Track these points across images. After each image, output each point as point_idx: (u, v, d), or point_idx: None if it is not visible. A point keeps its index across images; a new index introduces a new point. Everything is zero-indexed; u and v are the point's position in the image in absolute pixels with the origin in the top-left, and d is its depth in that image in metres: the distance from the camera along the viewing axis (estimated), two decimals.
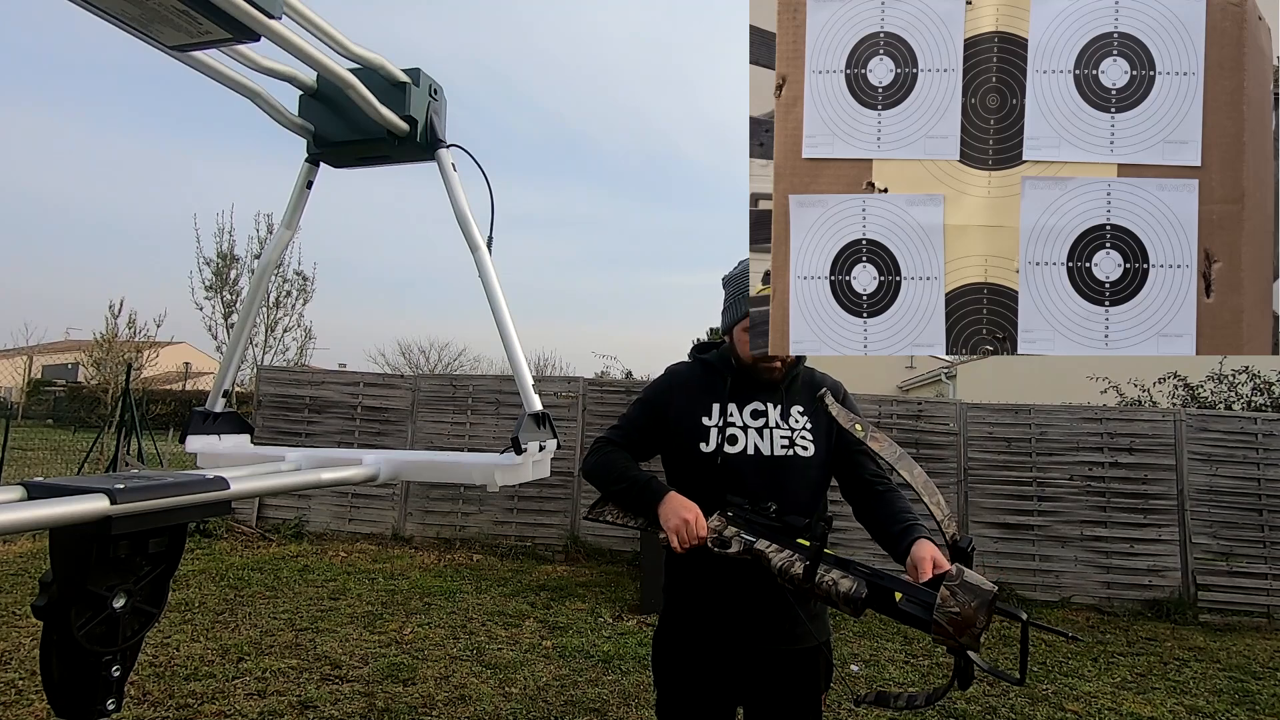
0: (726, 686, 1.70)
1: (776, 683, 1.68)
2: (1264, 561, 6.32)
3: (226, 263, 12.13)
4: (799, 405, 1.74)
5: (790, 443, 1.69)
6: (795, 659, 1.68)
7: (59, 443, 14.64)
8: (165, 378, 25.70)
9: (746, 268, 1.74)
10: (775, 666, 1.68)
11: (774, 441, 1.69)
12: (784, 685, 1.68)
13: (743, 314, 1.72)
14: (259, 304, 1.46)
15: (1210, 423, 6.67)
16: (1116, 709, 3.99)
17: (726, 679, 1.70)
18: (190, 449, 1.29)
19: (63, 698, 0.81)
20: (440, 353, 26.55)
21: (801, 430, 1.70)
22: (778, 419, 1.71)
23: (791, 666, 1.68)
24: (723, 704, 1.72)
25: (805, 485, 1.68)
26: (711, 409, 1.73)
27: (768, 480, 1.65)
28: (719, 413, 1.72)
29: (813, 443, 1.70)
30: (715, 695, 1.71)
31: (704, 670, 1.70)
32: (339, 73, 1.10)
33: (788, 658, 1.68)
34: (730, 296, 1.79)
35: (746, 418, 1.71)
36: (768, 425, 1.70)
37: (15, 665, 3.73)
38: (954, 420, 6.89)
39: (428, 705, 3.54)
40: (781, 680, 1.68)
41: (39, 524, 0.69)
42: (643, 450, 1.81)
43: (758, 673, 1.68)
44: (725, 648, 1.69)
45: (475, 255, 1.28)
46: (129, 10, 0.84)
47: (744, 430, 1.70)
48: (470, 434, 7.52)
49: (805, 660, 1.69)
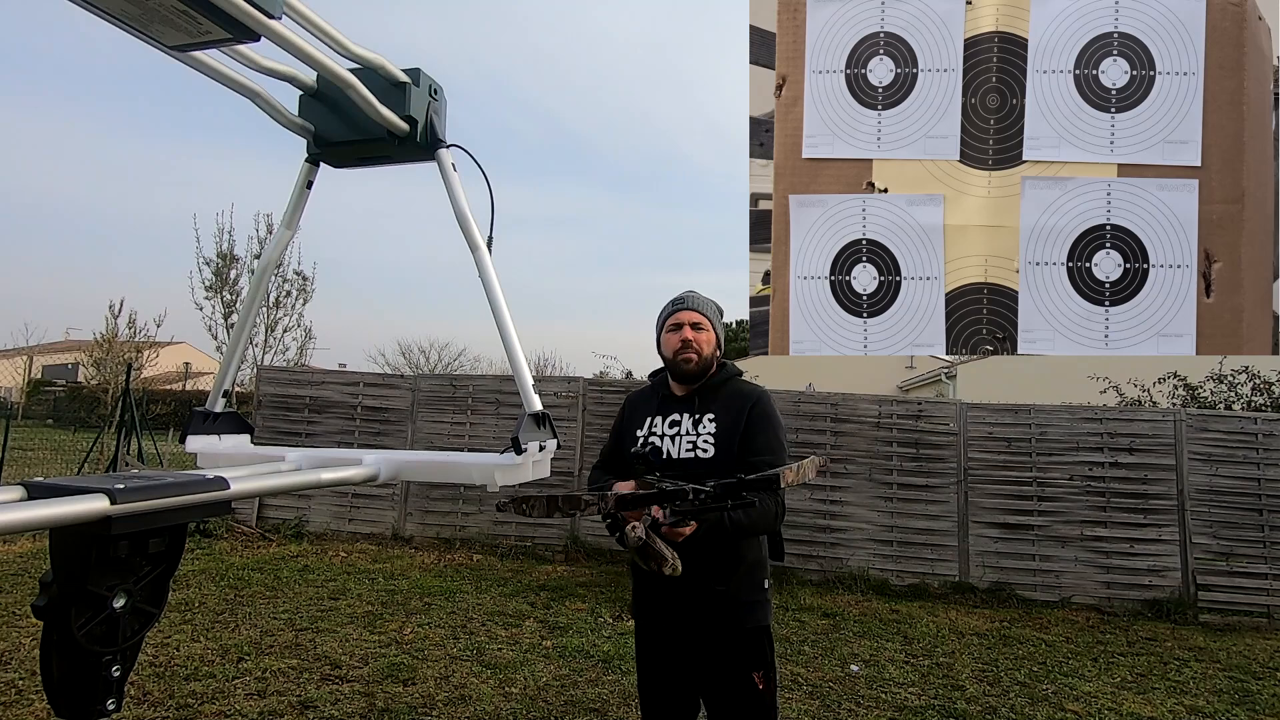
0: (676, 672, 1.97)
1: (712, 664, 1.92)
2: (1264, 561, 6.32)
3: (226, 263, 12.12)
4: (713, 413, 1.98)
5: (693, 446, 1.95)
6: (728, 642, 1.91)
7: (59, 443, 14.64)
8: (165, 378, 25.70)
9: (688, 291, 2.10)
10: (709, 649, 1.92)
11: (680, 446, 1.96)
12: (718, 666, 1.92)
13: (664, 315, 2.06)
14: (259, 304, 1.46)
15: (1210, 423, 6.67)
16: (1116, 709, 3.99)
17: (674, 664, 1.96)
18: (190, 449, 1.29)
19: (63, 698, 0.81)
20: (440, 353, 26.54)
21: (705, 436, 1.95)
22: (689, 427, 1.98)
23: (724, 649, 1.91)
24: (677, 689, 1.98)
25: (701, 482, 1.92)
26: (644, 423, 2.05)
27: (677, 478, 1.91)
28: (648, 425, 2.04)
29: (714, 446, 1.93)
30: (668, 681, 1.98)
31: (656, 658, 2.00)
32: (339, 73, 1.10)
33: (721, 641, 1.92)
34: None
35: (665, 427, 2.01)
36: (680, 433, 1.98)
37: (15, 665, 3.73)
38: (954, 420, 6.89)
39: (428, 705, 3.54)
40: (716, 662, 1.92)
41: (39, 524, 0.69)
42: (618, 471, 2.09)
43: (697, 656, 1.94)
44: (667, 635, 1.97)
45: (475, 255, 1.28)
46: (129, 10, 0.84)
47: (661, 438, 2.00)
48: (470, 434, 7.52)
49: (740, 643, 1.91)
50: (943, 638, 5.22)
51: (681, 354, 1.98)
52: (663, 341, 2.05)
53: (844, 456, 6.92)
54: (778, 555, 2.04)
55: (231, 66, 1.07)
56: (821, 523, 6.83)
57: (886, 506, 6.81)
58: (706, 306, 2.05)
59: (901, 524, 6.77)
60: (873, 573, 6.65)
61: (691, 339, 1.99)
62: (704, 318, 2.02)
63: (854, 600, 6.18)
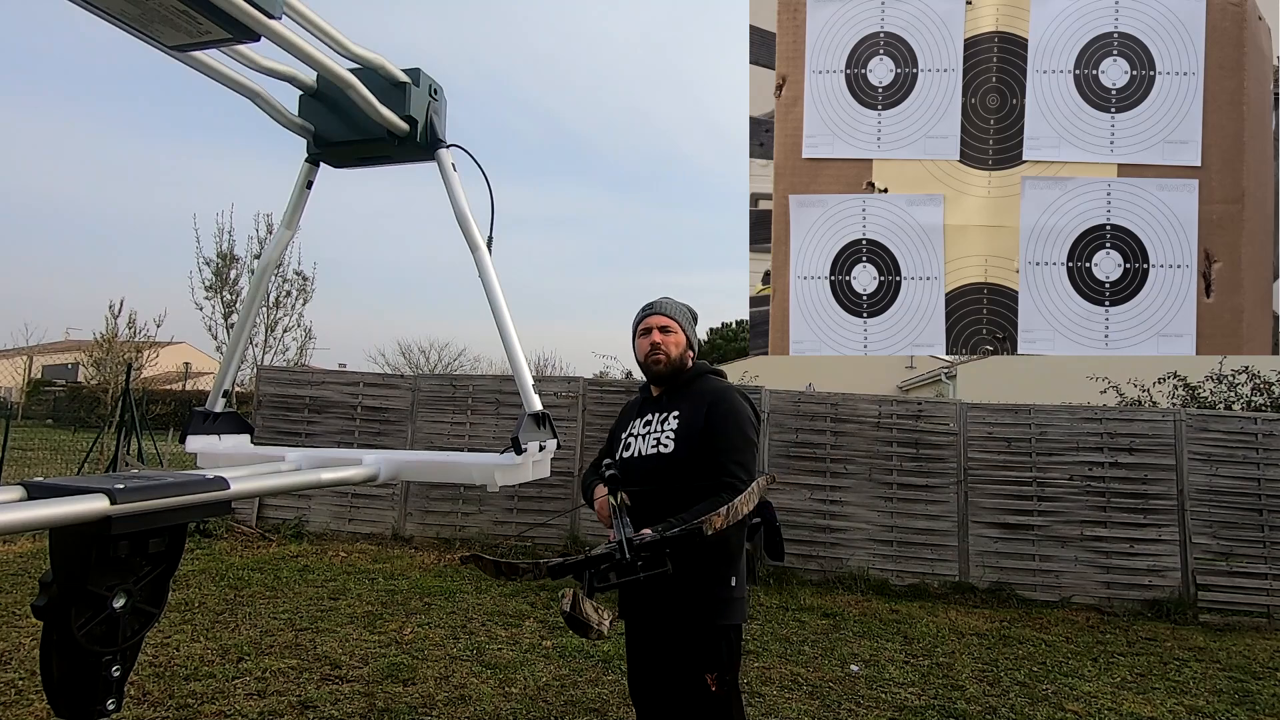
0: (647, 671, 2.02)
1: (666, 663, 1.96)
2: (1264, 561, 6.32)
3: (226, 263, 12.12)
4: (678, 410, 2.05)
5: (657, 443, 2.03)
6: (682, 641, 1.93)
7: (59, 443, 14.63)
8: (165, 378, 25.69)
9: (660, 297, 2.19)
10: (665, 648, 1.96)
11: (647, 443, 2.06)
12: (671, 666, 1.95)
13: (635, 321, 2.16)
14: (259, 304, 1.46)
15: (1210, 423, 6.67)
16: (1116, 709, 3.99)
17: (645, 663, 2.02)
18: (190, 449, 1.29)
19: (63, 698, 0.81)
20: (440, 353, 26.53)
21: (668, 432, 2.03)
22: (658, 425, 2.07)
23: (678, 648, 1.94)
24: (649, 688, 2.02)
25: (664, 476, 1.99)
26: (628, 425, 2.18)
27: (640, 475, 2.00)
28: (630, 427, 2.17)
29: (674, 441, 2.00)
30: (639, 680, 2.05)
31: (632, 656, 2.08)
32: (339, 73, 1.10)
33: (675, 640, 1.94)
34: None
35: (640, 427, 2.12)
36: (650, 431, 2.08)
37: (15, 665, 3.73)
38: (954, 420, 6.89)
39: (428, 705, 3.54)
40: (669, 661, 1.96)
41: (39, 524, 0.69)
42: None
43: (658, 654, 1.98)
44: (640, 634, 2.05)
45: (475, 255, 1.28)
46: (129, 10, 0.84)
47: (635, 438, 2.12)
48: (470, 434, 7.52)
49: (694, 643, 1.92)
50: (943, 638, 5.22)
51: (651, 356, 2.09)
52: (636, 347, 2.16)
53: (844, 456, 6.92)
54: (777, 555, 2.04)
55: (231, 66, 1.07)
56: (821, 523, 6.83)
57: (886, 506, 6.81)
58: (675, 310, 2.14)
59: (901, 524, 6.77)
60: (873, 573, 6.65)
61: (660, 342, 2.08)
62: (672, 320, 2.11)
63: (854, 600, 6.18)
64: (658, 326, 2.09)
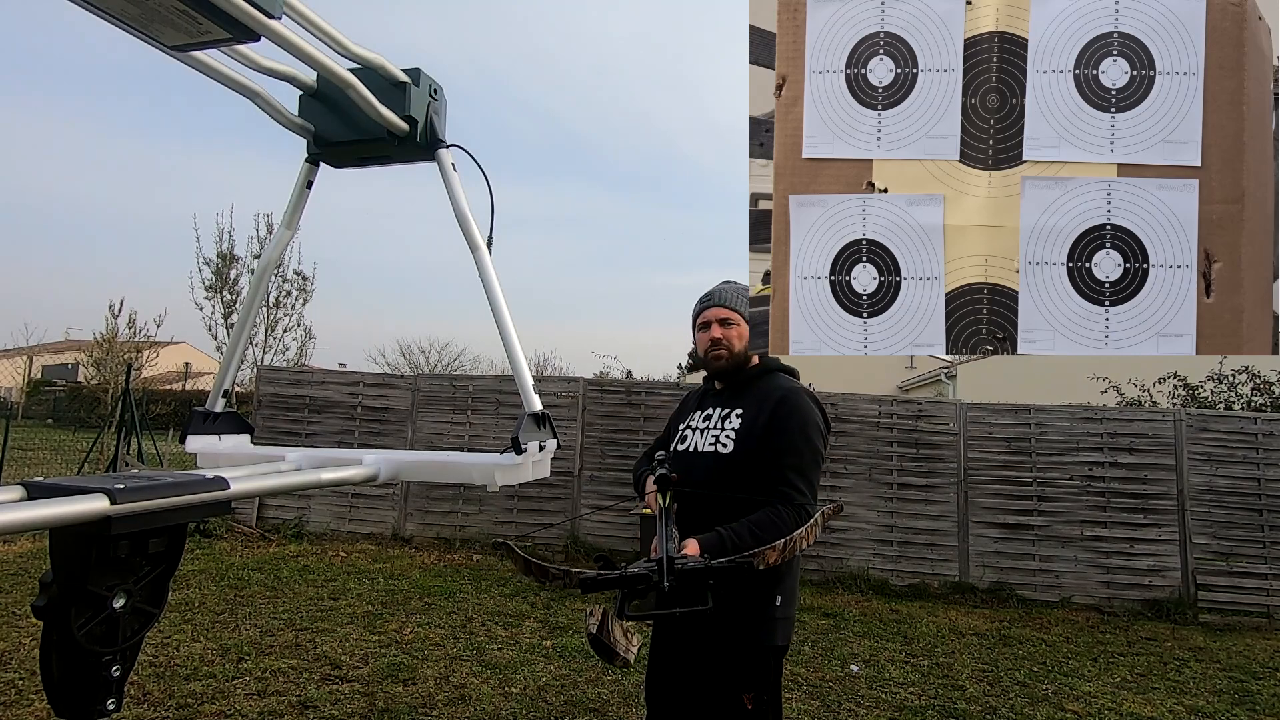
0: (675, 682, 1.90)
1: (701, 681, 1.83)
2: (1264, 561, 6.32)
3: (226, 263, 12.14)
4: (741, 408, 1.93)
5: (715, 440, 1.92)
6: (720, 660, 1.81)
7: (59, 443, 14.62)
8: (165, 378, 25.69)
9: (718, 285, 2.06)
10: (702, 664, 1.84)
11: (705, 439, 1.94)
12: (706, 684, 1.82)
13: (695, 313, 2.06)
14: (259, 304, 1.46)
15: (1210, 423, 6.67)
16: (1116, 709, 3.99)
17: (673, 673, 1.90)
18: (190, 449, 1.29)
19: (63, 698, 0.81)
20: (440, 353, 26.58)
21: (728, 431, 1.91)
22: (719, 421, 1.95)
23: (716, 666, 1.81)
24: (674, 699, 1.90)
25: (718, 476, 1.86)
26: (688, 417, 2.07)
27: (696, 471, 1.88)
28: (689, 419, 2.05)
29: (734, 442, 1.88)
30: (666, 690, 1.93)
31: (659, 663, 1.95)
32: (339, 73, 1.10)
33: (712, 658, 1.82)
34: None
35: (700, 421, 2.01)
36: (709, 427, 1.96)
37: (15, 665, 3.73)
38: (954, 420, 6.89)
39: (428, 705, 3.54)
40: (705, 679, 1.83)
41: (39, 524, 0.69)
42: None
43: (692, 669, 1.86)
44: (671, 642, 1.92)
45: (475, 255, 1.28)
46: (129, 10, 0.84)
47: (693, 431, 2.00)
48: (470, 434, 7.52)
49: (733, 662, 1.80)
50: (943, 638, 5.22)
51: (712, 352, 1.98)
52: (695, 341, 2.06)
53: (844, 456, 6.92)
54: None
55: (231, 66, 1.07)
56: None
57: (886, 506, 6.81)
58: (736, 300, 1.98)
59: (901, 524, 6.77)
60: (873, 573, 6.65)
61: (721, 336, 1.96)
62: (734, 312, 1.97)
63: (854, 600, 6.18)
64: (717, 320, 1.96)
